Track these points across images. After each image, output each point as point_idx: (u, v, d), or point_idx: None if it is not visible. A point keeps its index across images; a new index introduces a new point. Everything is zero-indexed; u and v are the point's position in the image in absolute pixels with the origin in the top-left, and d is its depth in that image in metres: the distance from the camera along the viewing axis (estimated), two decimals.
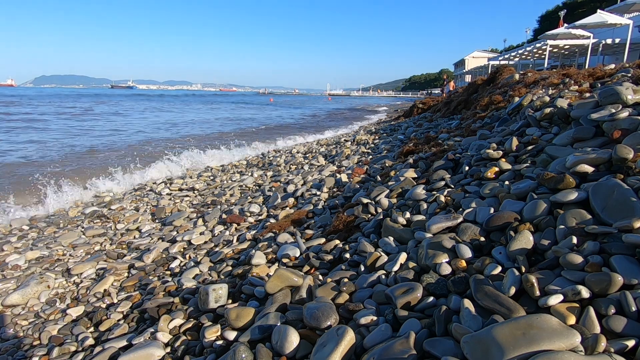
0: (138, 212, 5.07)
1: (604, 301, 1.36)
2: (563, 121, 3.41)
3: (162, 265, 3.41)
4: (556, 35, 18.30)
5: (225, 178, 6.72)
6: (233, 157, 8.92)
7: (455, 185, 3.06)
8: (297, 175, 5.96)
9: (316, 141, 10.92)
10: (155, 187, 6.29)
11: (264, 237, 3.53)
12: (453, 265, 1.90)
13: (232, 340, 1.91)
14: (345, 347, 1.50)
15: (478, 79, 10.27)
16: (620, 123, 2.61)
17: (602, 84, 4.38)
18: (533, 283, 1.51)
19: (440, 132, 5.82)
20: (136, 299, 2.86)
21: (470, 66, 50.70)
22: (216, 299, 2.32)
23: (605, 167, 2.22)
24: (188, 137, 13.81)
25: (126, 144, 11.78)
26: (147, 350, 1.97)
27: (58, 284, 3.27)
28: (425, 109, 13.92)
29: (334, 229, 3.12)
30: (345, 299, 1.98)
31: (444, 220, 2.32)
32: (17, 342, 2.49)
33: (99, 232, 4.39)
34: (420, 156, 4.32)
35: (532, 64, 25.28)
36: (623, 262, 1.47)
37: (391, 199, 3.25)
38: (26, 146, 11.13)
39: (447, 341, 1.41)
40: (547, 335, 1.22)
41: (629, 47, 17.25)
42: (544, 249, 1.80)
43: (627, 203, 1.78)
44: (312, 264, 2.62)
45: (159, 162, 7.76)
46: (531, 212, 2.06)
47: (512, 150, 3.22)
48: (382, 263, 2.23)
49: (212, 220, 4.40)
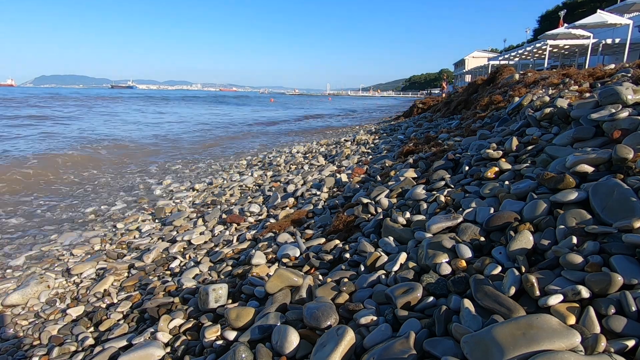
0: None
1: (604, 301, 1.36)
2: (563, 121, 3.41)
3: (162, 265, 3.41)
4: (556, 35, 18.31)
5: (226, 177, 6.72)
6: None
7: (455, 185, 3.06)
8: (297, 175, 5.96)
9: (316, 141, 10.92)
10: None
11: (264, 237, 3.53)
12: (453, 265, 1.90)
13: (232, 340, 1.91)
14: (345, 347, 1.50)
15: (478, 79, 10.26)
16: (620, 123, 2.61)
17: (602, 84, 4.38)
18: (533, 283, 1.51)
19: (440, 132, 5.82)
20: (136, 299, 2.86)
21: (470, 66, 50.69)
22: (216, 298, 2.32)
23: (605, 167, 2.22)
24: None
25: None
26: (147, 350, 1.97)
27: (58, 283, 3.27)
28: (425, 109, 13.93)
29: (334, 229, 3.12)
30: (345, 299, 1.98)
31: (444, 220, 2.32)
32: (17, 342, 2.49)
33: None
34: (420, 156, 4.32)
35: (532, 64, 25.29)
36: (623, 262, 1.47)
37: (391, 199, 3.25)
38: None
39: (447, 341, 1.41)
40: (547, 335, 1.22)
41: (629, 47, 17.26)
42: (544, 249, 1.80)
43: (627, 203, 1.78)
44: (312, 264, 2.62)
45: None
46: (531, 212, 2.06)
47: (512, 150, 3.22)
48: (382, 263, 2.23)
49: (212, 220, 4.40)
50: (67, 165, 8.24)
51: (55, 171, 7.64)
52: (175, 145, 11.94)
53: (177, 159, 9.59)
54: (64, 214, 5.24)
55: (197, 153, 10.60)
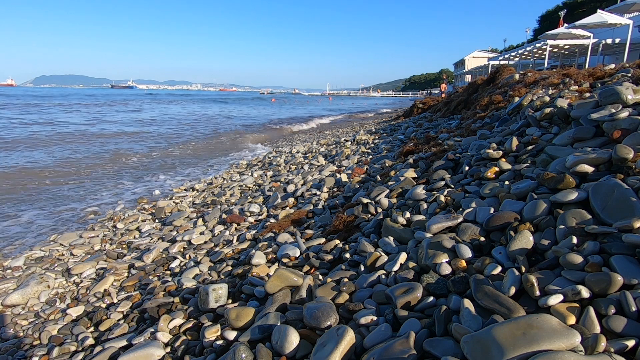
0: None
1: (604, 301, 1.36)
2: (563, 121, 3.41)
3: (162, 265, 3.41)
4: (556, 35, 18.31)
5: (226, 177, 6.72)
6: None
7: (455, 185, 3.06)
8: (297, 175, 5.96)
9: (316, 141, 10.91)
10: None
11: (264, 237, 3.53)
12: (453, 265, 1.90)
13: (232, 340, 1.91)
14: (345, 347, 1.50)
15: (478, 79, 10.26)
16: (620, 123, 2.61)
17: (602, 84, 4.38)
18: (533, 283, 1.51)
19: (440, 132, 5.82)
20: (136, 299, 2.86)
21: (470, 66, 50.68)
22: (216, 298, 2.32)
23: (605, 167, 2.22)
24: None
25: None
26: (147, 350, 1.97)
27: (58, 283, 3.27)
28: (425, 109, 13.92)
29: (334, 228, 3.12)
30: (345, 299, 1.98)
31: (444, 220, 2.32)
32: (17, 342, 2.49)
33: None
34: (420, 156, 4.32)
35: (532, 64, 25.27)
36: (623, 262, 1.47)
37: (391, 198, 3.25)
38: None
39: (447, 341, 1.41)
40: (547, 335, 1.22)
41: (629, 47, 17.26)
42: (544, 249, 1.80)
43: (627, 203, 1.78)
44: (312, 263, 2.62)
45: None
46: (531, 212, 2.06)
47: (512, 150, 3.22)
48: (382, 263, 2.23)
49: (212, 220, 4.40)
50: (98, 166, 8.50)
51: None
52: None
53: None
54: (63, 214, 5.24)
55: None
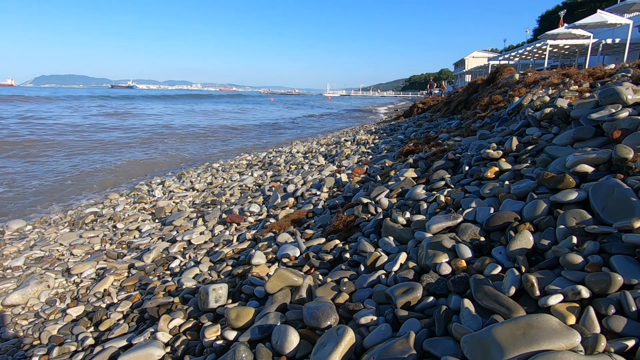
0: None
1: (604, 301, 1.36)
2: (563, 121, 3.41)
3: (162, 265, 3.41)
4: (556, 35, 18.31)
5: (226, 177, 6.72)
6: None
7: (455, 185, 3.06)
8: (297, 175, 5.96)
9: (316, 141, 10.91)
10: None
11: (264, 236, 3.53)
12: (453, 265, 1.90)
13: (232, 340, 1.91)
14: (345, 346, 1.50)
15: (478, 78, 10.26)
16: (620, 123, 2.61)
17: (602, 84, 4.38)
18: (533, 283, 1.51)
19: (440, 132, 5.82)
20: (136, 299, 2.85)
21: (470, 66, 50.69)
22: (216, 298, 2.32)
23: (605, 167, 2.22)
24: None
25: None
26: (147, 350, 1.97)
27: (58, 283, 3.27)
28: (425, 108, 13.92)
29: (334, 228, 3.12)
30: (345, 299, 1.98)
31: (444, 220, 2.32)
32: (17, 342, 2.49)
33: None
34: (420, 156, 4.32)
35: (532, 64, 25.28)
36: (623, 262, 1.47)
37: (391, 198, 3.25)
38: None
39: (447, 341, 1.41)
40: (547, 335, 1.22)
41: (629, 47, 17.26)
42: (544, 249, 1.80)
43: (627, 203, 1.78)
44: (312, 263, 2.62)
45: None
46: (531, 212, 2.06)
47: (512, 150, 3.22)
48: (382, 263, 2.23)
49: (212, 220, 4.40)
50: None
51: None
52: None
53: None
54: (63, 214, 5.24)
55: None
